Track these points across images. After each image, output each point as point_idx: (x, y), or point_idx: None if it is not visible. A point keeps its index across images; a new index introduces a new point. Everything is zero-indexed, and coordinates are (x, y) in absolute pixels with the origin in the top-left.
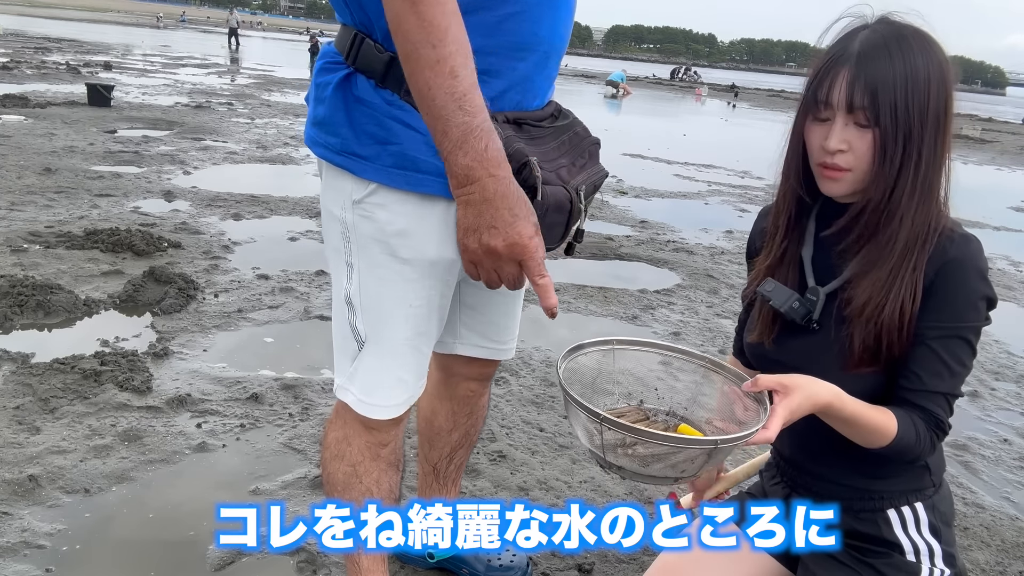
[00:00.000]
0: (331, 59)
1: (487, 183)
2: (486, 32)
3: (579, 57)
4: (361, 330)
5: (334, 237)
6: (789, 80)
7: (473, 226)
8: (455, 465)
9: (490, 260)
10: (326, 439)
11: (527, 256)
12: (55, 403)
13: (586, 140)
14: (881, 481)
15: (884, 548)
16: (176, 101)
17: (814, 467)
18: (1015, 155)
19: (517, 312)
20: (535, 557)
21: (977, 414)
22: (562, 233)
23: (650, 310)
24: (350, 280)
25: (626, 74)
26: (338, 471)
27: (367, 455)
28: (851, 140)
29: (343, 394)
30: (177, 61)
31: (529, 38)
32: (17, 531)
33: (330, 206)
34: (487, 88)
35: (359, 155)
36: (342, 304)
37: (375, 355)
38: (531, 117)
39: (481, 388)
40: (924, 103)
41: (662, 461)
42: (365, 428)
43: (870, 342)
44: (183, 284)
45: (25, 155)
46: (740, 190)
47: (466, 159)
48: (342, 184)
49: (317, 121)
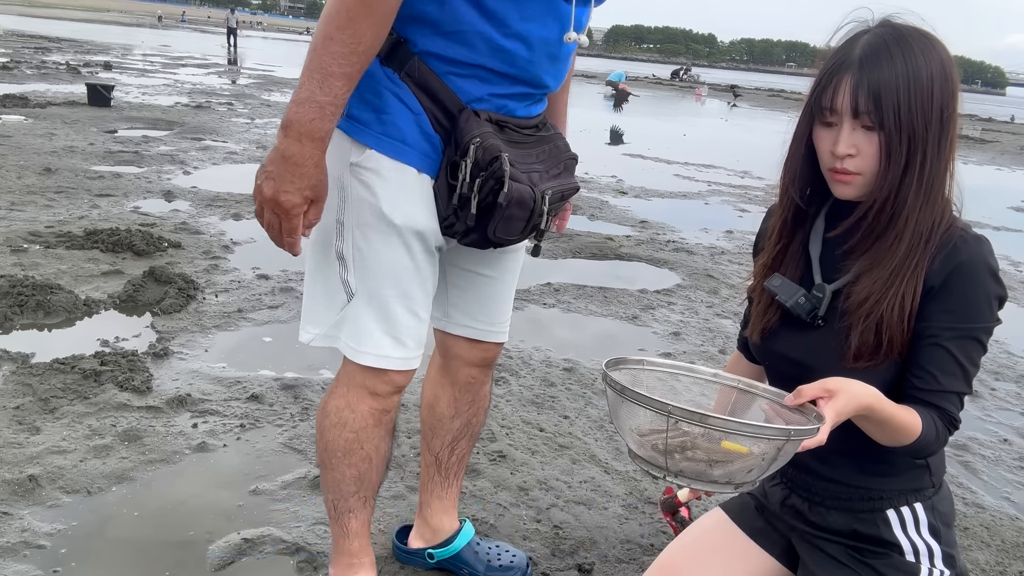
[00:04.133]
0: None
1: (292, 144)
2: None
3: (579, 57)
4: (352, 283)
5: (330, 195)
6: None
7: (265, 168)
8: (457, 456)
9: (259, 198)
10: (325, 407)
11: (285, 217)
12: (55, 403)
13: (564, 154)
14: (881, 481)
15: (883, 548)
16: (176, 101)
17: (815, 467)
18: (1015, 155)
19: (504, 294)
20: (535, 557)
21: (977, 414)
22: (521, 228)
23: (650, 310)
24: (341, 237)
25: (626, 74)
26: (339, 438)
27: (370, 421)
28: (859, 144)
29: (331, 341)
30: (177, 61)
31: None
32: (17, 531)
33: (330, 166)
34: (477, 88)
35: (358, 120)
36: (332, 259)
37: (364, 305)
38: (514, 122)
39: (482, 376)
40: (928, 103)
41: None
42: (370, 395)
43: (870, 337)
44: (183, 284)
45: (25, 155)
46: (740, 190)
47: (294, 116)
48: (342, 145)
49: None
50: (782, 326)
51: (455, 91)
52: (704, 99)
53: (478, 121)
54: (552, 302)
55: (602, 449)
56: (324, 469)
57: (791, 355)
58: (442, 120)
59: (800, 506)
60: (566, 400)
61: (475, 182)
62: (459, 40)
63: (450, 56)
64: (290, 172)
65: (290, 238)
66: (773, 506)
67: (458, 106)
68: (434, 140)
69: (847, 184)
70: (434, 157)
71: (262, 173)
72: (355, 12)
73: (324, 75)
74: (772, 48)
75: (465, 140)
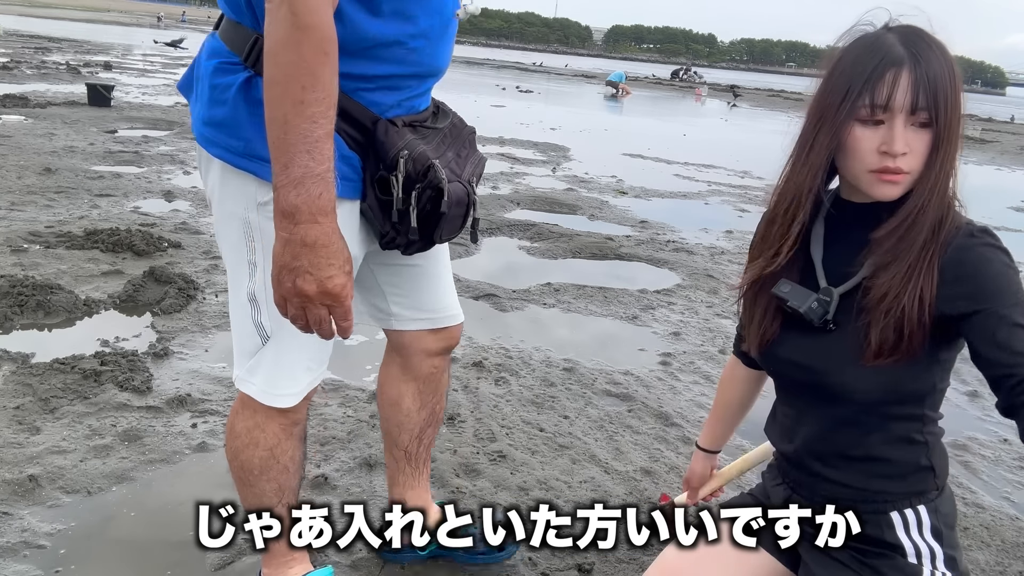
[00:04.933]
0: (226, 59)
1: (310, 228)
2: (398, 61)
3: (579, 57)
4: (267, 326)
5: (233, 235)
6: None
7: (289, 266)
8: (424, 444)
9: (299, 301)
10: (234, 428)
11: (337, 303)
12: (55, 403)
13: (465, 130)
14: (886, 483)
15: (886, 550)
16: (176, 101)
17: (818, 469)
18: (1015, 155)
19: (440, 274)
20: (534, 557)
21: (977, 414)
22: (461, 223)
23: (650, 310)
24: (253, 278)
25: (626, 75)
26: (253, 457)
27: (282, 436)
28: (910, 141)
29: (244, 386)
30: (177, 61)
31: (428, 67)
32: (17, 531)
33: (230, 207)
34: (388, 97)
35: (263, 158)
36: (244, 302)
37: (279, 349)
38: (420, 119)
39: (444, 363)
40: (959, 99)
41: None
42: (279, 412)
43: (890, 334)
44: (183, 284)
45: (25, 155)
46: (740, 190)
47: (297, 199)
48: (244, 186)
49: (215, 122)
50: (786, 332)
51: (367, 105)
52: (704, 99)
53: (397, 131)
54: (552, 302)
55: (602, 449)
56: (242, 486)
57: (801, 361)
58: (357, 137)
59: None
60: (566, 400)
61: (411, 195)
62: (367, 56)
63: (357, 73)
64: (322, 256)
65: (346, 321)
66: (775, 506)
67: (372, 119)
68: (352, 161)
69: (896, 184)
70: (354, 178)
71: (289, 274)
72: (315, 64)
73: (310, 143)
74: (772, 48)
75: (392, 154)
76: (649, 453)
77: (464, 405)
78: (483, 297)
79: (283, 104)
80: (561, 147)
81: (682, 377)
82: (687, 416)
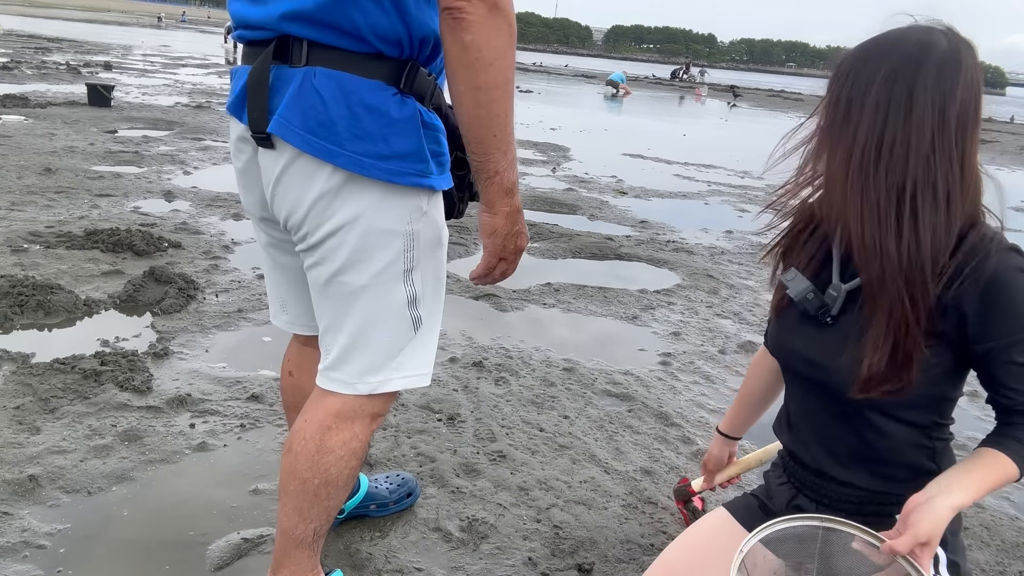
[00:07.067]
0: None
1: (517, 199)
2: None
3: (579, 57)
4: (423, 316)
5: (388, 254)
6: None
7: (512, 231)
8: None
9: (516, 257)
10: (324, 446)
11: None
12: (55, 403)
13: None
14: (894, 486)
15: None
16: (176, 101)
17: (827, 470)
18: (1015, 155)
19: None
20: (534, 558)
21: (977, 414)
22: None
23: (650, 310)
24: (409, 282)
25: (626, 75)
26: (345, 470)
27: (368, 439)
28: None
29: (387, 386)
30: (177, 61)
31: None
32: (17, 531)
33: (389, 225)
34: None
35: (423, 174)
36: (400, 306)
37: (430, 330)
38: None
39: None
40: None
41: None
42: (372, 418)
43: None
44: (183, 284)
45: (25, 155)
46: (740, 190)
47: (515, 176)
48: (408, 201)
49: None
50: (799, 323)
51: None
52: (704, 99)
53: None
54: (552, 302)
55: (602, 449)
56: (316, 501)
57: (806, 354)
58: None
59: (807, 507)
60: (566, 400)
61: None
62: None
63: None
64: (521, 221)
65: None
66: (778, 506)
67: (449, 106)
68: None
69: None
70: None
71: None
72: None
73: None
74: (772, 48)
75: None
76: (649, 453)
77: (464, 405)
78: (483, 297)
79: (507, 100)
80: (561, 147)
81: (682, 377)
82: (687, 416)
